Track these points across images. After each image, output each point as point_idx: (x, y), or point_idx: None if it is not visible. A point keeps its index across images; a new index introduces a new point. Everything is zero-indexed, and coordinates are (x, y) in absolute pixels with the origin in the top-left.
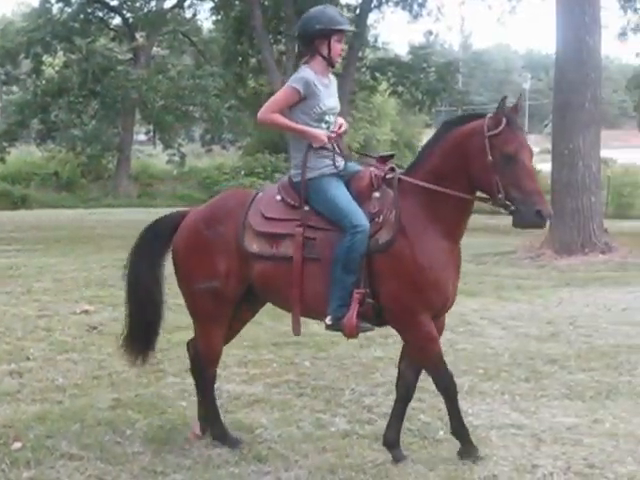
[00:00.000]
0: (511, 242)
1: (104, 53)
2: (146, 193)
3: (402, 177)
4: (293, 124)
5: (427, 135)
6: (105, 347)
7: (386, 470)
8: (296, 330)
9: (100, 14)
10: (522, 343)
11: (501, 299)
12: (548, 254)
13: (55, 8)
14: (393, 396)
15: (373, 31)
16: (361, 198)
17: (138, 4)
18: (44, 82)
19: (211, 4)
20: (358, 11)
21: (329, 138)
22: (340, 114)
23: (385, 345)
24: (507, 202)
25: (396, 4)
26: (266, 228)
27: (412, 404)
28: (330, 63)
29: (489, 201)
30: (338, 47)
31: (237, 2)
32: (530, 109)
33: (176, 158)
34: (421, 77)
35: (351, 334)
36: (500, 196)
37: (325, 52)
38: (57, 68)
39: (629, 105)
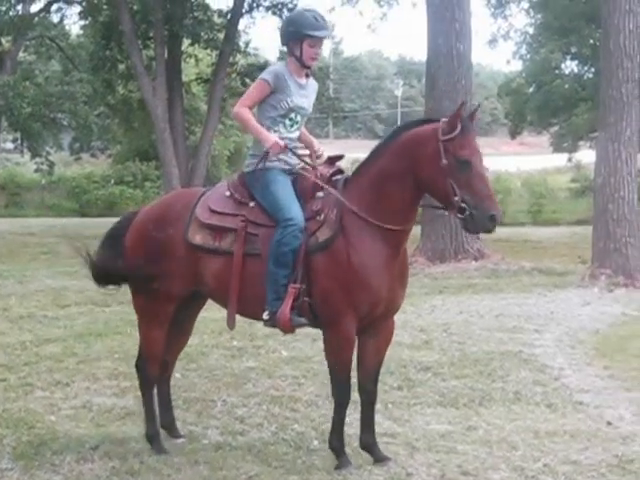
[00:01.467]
0: None
1: None
2: (14, 203)
3: (347, 178)
4: (252, 122)
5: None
6: None
7: None
8: (230, 324)
9: None
10: (394, 351)
11: None
12: (420, 261)
13: None
14: (266, 406)
15: (245, 37)
16: (305, 197)
17: (3, 8)
18: None
19: (79, 8)
20: (229, 16)
21: (282, 147)
22: (211, 121)
23: (257, 355)
24: (462, 205)
25: (267, 9)
26: (211, 220)
27: (286, 414)
28: (302, 65)
29: (440, 206)
30: (311, 51)
31: (105, 7)
32: (402, 116)
33: (44, 167)
34: None
35: (285, 327)
36: (456, 199)
37: (297, 54)
38: None
39: (500, 112)
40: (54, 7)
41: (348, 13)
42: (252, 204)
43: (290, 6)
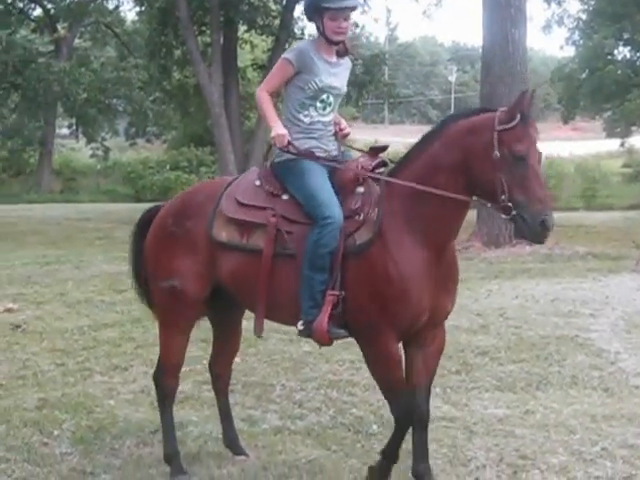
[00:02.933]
0: None
1: (25, 45)
2: (69, 188)
3: (392, 172)
4: (267, 108)
5: (354, 128)
6: (29, 346)
7: (320, 465)
8: (259, 329)
9: (20, 5)
10: (452, 336)
11: None
12: (476, 246)
13: None
14: (324, 390)
15: (300, 23)
16: (343, 192)
17: None
18: None
19: None
20: (285, 2)
21: (285, 143)
22: None
23: None
24: (509, 204)
25: None
26: (238, 215)
27: (344, 398)
28: (327, 41)
29: (488, 204)
30: (333, 25)
31: None
32: (456, 101)
33: (99, 152)
34: None
35: (322, 340)
36: (503, 197)
37: (321, 29)
38: None
39: (553, 97)
40: None
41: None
42: (285, 197)
43: None
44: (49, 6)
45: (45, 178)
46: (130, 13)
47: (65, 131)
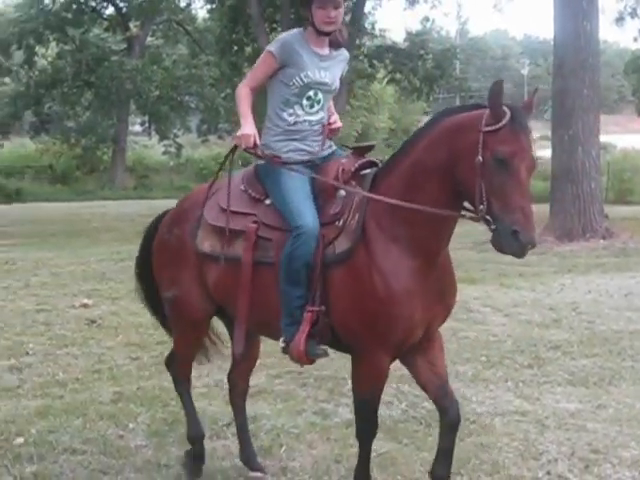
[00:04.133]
0: None
1: (98, 43)
2: (142, 185)
3: (378, 173)
4: (241, 105)
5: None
6: (105, 341)
7: (391, 458)
8: (238, 346)
9: (93, 3)
10: (525, 330)
11: (503, 286)
12: (549, 241)
13: None
14: (395, 384)
15: (370, 18)
16: (324, 196)
17: None
18: (37, 73)
19: None
20: None
21: (251, 144)
22: (339, 103)
23: None
24: (487, 217)
25: None
26: (220, 222)
27: (416, 392)
28: (317, 32)
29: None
30: (321, 14)
31: None
32: (528, 95)
33: (172, 149)
34: (419, 64)
35: (299, 360)
36: (481, 207)
37: (310, 19)
38: (50, 59)
39: (627, 90)
40: None
41: None
42: (268, 201)
43: None
44: (121, 4)
45: (119, 175)
46: (201, 10)
47: (138, 128)
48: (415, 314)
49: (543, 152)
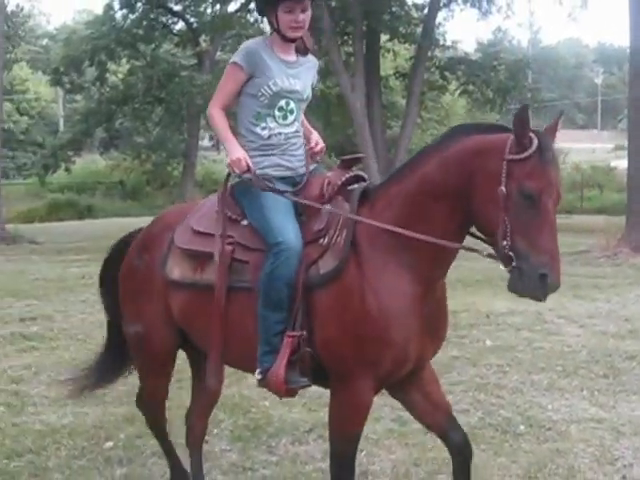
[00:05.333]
0: (586, 241)
1: (168, 59)
2: None
3: (369, 189)
4: (221, 129)
5: None
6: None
7: None
8: (212, 380)
9: (164, 19)
10: (600, 340)
11: (578, 298)
12: (625, 252)
13: (119, 15)
14: (472, 393)
15: (442, 29)
16: (307, 212)
17: (201, 8)
18: (109, 90)
19: None
20: (426, 10)
21: (245, 168)
22: (410, 115)
23: (461, 345)
24: (510, 254)
25: (465, 1)
26: (192, 245)
27: (492, 400)
28: (283, 38)
29: (485, 251)
30: (287, 18)
31: None
32: (603, 104)
33: None
34: (491, 75)
35: (278, 391)
36: (505, 244)
37: (275, 24)
38: (121, 75)
39: None
40: (252, 6)
41: (546, 2)
42: (245, 222)
43: None
44: (192, 20)
45: (188, 190)
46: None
47: (207, 143)
48: (409, 343)
49: (617, 162)
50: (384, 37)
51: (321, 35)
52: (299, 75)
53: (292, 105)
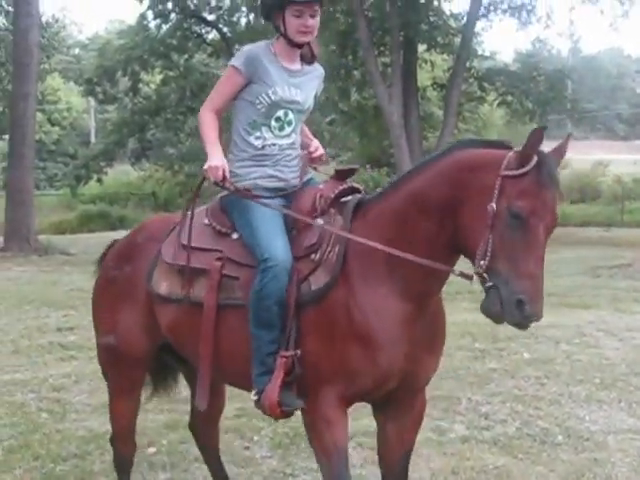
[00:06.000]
0: (627, 255)
1: (201, 69)
2: None
3: (363, 201)
4: (207, 133)
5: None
6: None
7: (507, 471)
8: (201, 401)
9: (197, 29)
10: (638, 354)
11: (617, 311)
12: None
13: (152, 25)
14: (510, 404)
15: (479, 38)
16: (298, 226)
17: (235, 18)
18: (141, 100)
19: None
20: (465, 20)
21: (220, 177)
22: (447, 127)
23: (500, 357)
24: (485, 275)
25: (504, 12)
26: (180, 260)
27: (530, 411)
28: (291, 43)
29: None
30: (296, 23)
31: (341, 16)
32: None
33: None
34: (531, 86)
35: (272, 412)
36: (482, 263)
37: (282, 29)
38: (154, 86)
39: None
40: None
41: (587, 11)
42: (235, 235)
43: (529, 7)
44: (225, 29)
45: None
46: None
47: None
48: (395, 363)
49: None
50: (421, 47)
51: (358, 46)
52: (302, 85)
53: (291, 116)
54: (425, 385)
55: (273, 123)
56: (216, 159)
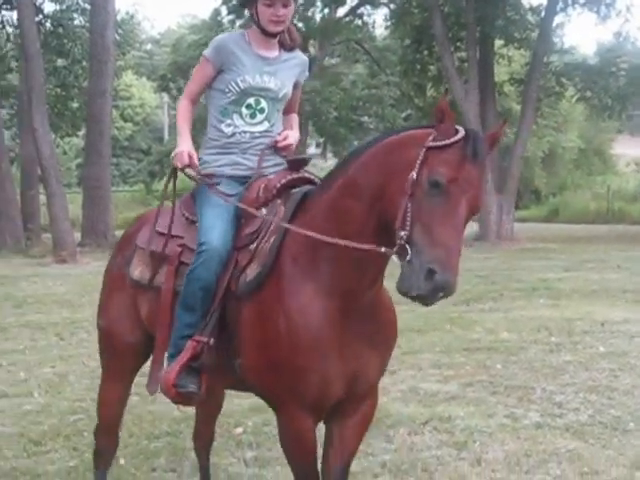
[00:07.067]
0: None
1: None
2: None
3: (310, 192)
4: (180, 121)
5: (619, 142)
6: None
7: (578, 455)
8: (152, 385)
9: None
10: None
11: None
12: None
13: (226, 20)
14: (583, 394)
15: (559, 31)
16: (245, 216)
17: (310, 13)
18: None
19: (385, 11)
20: (543, 14)
21: (189, 162)
22: (525, 122)
23: (575, 350)
24: (406, 246)
25: (582, 5)
26: (151, 246)
27: (602, 401)
28: (263, 32)
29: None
30: (267, 12)
31: (416, 11)
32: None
33: None
34: (610, 81)
35: (167, 392)
36: (402, 234)
37: (255, 17)
38: None
39: None
40: (360, 10)
41: None
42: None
43: (608, 1)
44: (299, 25)
45: None
46: (379, 29)
47: (313, 150)
48: (329, 366)
49: None
50: (498, 42)
51: (434, 41)
52: (277, 72)
53: (263, 103)
54: (373, 386)
55: (244, 110)
56: (183, 145)
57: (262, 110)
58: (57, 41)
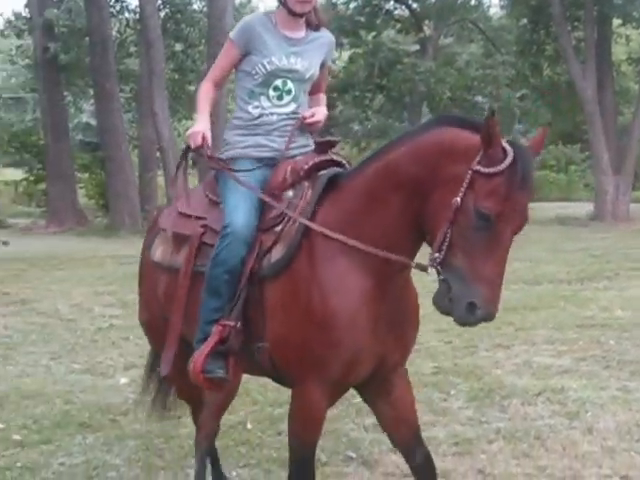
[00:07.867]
0: None
1: (390, 46)
2: None
3: (338, 175)
4: (200, 102)
5: None
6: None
7: None
8: (164, 368)
9: (386, 6)
10: None
11: None
12: None
13: (340, 2)
14: None
15: None
16: (273, 198)
17: None
18: (330, 78)
19: None
20: None
21: (202, 143)
22: None
23: None
24: (439, 267)
25: None
26: (174, 227)
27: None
28: (290, 12)
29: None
30: None
31: None
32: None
33: None
34: None
35: (195, 378)
36: (436, 256)
37: None
38: (342, 64)
39: None
40: None
41: None
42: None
43: None
44: (414, 5)
45: None
46: (493, 8)
47: None
48: (361, 344)
49: None
50: (616, 21)
51: (551, 20)
52: (303, 53)
53: (290, 85)
54: (395, 370)
55: (271, 92)
56: (200, 125)
57: (289, 91)
58: (175, 26)
